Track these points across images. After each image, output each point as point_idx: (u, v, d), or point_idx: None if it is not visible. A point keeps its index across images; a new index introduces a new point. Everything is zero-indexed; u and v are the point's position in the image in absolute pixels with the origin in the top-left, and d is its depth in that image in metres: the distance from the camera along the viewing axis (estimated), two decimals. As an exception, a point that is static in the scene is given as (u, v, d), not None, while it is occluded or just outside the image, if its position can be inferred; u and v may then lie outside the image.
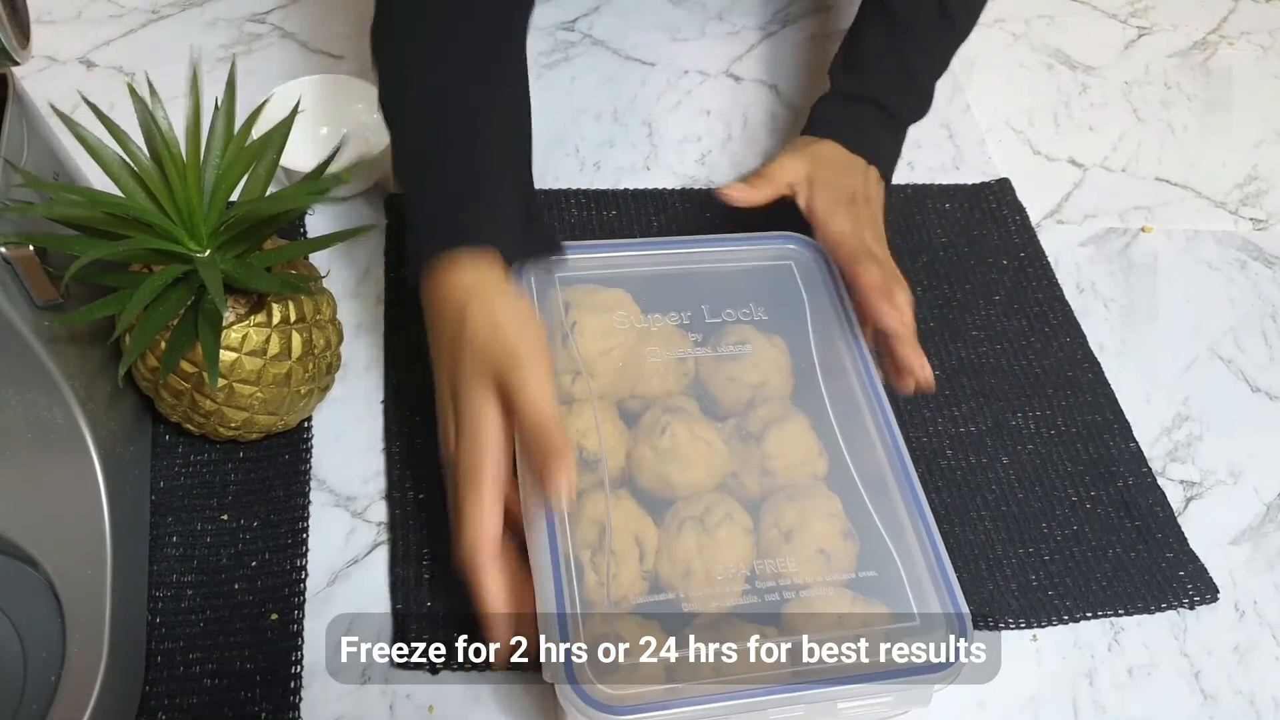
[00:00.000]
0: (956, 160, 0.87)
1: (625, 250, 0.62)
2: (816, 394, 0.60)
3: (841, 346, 0.60)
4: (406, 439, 0.65)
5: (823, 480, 0.57)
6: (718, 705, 0.46)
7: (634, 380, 0.59)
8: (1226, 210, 0.87)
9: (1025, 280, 0.79)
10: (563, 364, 0.58)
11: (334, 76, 0.80)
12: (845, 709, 0.48)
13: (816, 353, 0.61)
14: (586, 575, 0.51)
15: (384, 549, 0.61)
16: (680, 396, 0.60)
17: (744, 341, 0.60)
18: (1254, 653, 0.63)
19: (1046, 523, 0.66)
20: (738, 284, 0.63)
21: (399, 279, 0.73)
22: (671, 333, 0.61)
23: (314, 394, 0.62)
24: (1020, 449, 0.69)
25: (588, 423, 0.56)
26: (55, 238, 0.52)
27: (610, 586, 0.51)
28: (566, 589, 0.48)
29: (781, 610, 0.51)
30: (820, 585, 0.52)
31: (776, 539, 0.54)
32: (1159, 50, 1.00)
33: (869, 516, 0.55)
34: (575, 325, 0.58)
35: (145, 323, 0.53)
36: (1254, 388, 0.76)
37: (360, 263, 0.74)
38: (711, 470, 0.56)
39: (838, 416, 0.58)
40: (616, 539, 0.52)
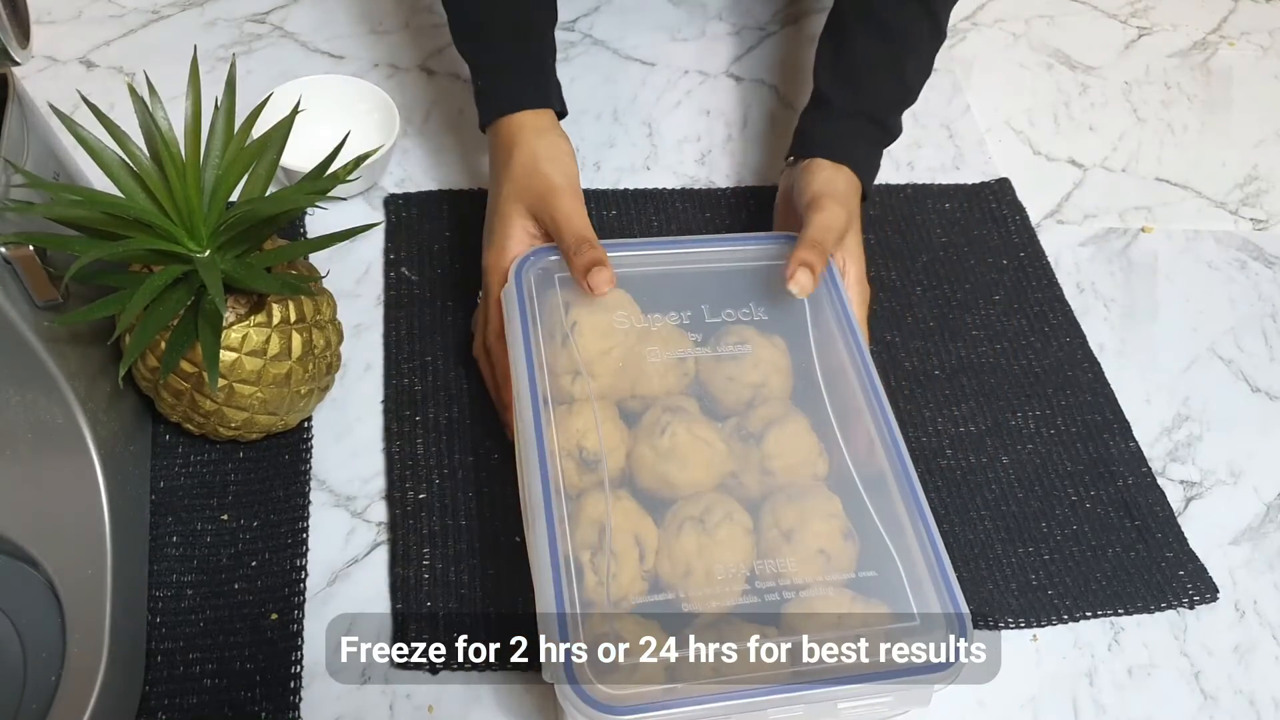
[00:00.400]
0: (956, 160, 0.87)
1: (625, 250, 0.62)
2: (816, 394, 0.60)
3: (841, 347, 0.60)
4: (406, 438, 0.66)
5: (823, 480, 0.57)
6: (717, 705, 0.46)
7: (634, 380, 0.59)
8: (1226, 210, 0.87)
9: (1025, 280, 0.79)
10: (562, 364, 0.58)
11: (334, 76, 0.81)
12: (845, 709, 0.48)
13: (816, 353, 0.61)
14: (586, 575, 0.51)
15: (384, 549, 0.61)
16: (680, 396, 0.60)
17: (744, 341, 0.60)
18: (1254, 653, 0.63)
19: (1046, 522, 0.66)
20: (738, 284, 0.63)
21: (399, 278, 0.73)
22: (671, 332, 0.61)
23: (314, 394, 0.62)
24: (1020, 449, 0.69)
25: (588, 422, 0.56)
26: (55, 238, 0.52)
27: (610, 586, 0.51)
28: (566, 589, 0.48)
29: (781, 610, 0.51)
30: (820, 585, 0.52)
31: (776, 539, 0.54)
32: (1159, 50, 1.00)
33: (869, 516, 0.55)
34: (575, 325, 0.58)
35: (145, 323, 0.53)
36: (1254, 388, 0.76)
37: (360, 263, 0.74)
38: (711, 470, 0.56)
39: (837, 416, 0.58)
40: (616, 539, 0.52)
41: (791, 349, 0.61)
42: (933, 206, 0.83)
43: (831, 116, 0.71)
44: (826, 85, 0.72)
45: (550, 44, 0.71)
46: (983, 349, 0.74)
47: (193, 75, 0.55)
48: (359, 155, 0.60)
